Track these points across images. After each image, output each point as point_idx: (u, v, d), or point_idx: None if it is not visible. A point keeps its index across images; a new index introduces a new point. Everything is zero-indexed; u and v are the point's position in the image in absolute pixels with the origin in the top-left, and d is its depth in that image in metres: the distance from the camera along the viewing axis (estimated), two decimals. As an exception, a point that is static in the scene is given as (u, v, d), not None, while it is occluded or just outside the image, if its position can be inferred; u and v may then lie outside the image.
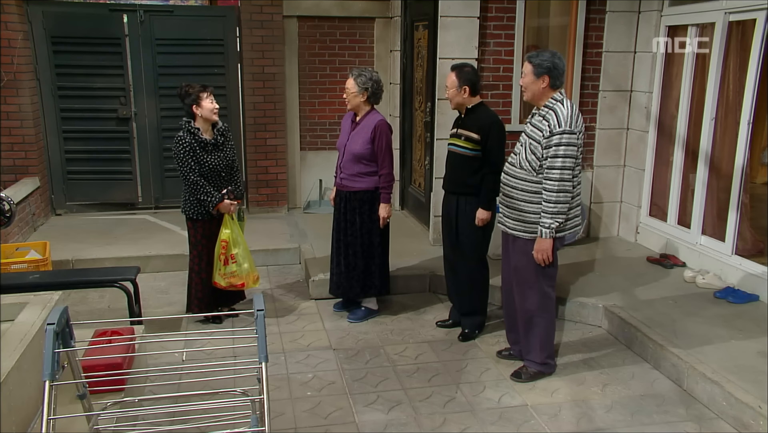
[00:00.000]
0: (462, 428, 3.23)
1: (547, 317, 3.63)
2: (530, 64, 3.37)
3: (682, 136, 5.27)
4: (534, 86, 3.38)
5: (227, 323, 4.43)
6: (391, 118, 7.00)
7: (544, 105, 3.39)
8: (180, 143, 4.10)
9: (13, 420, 2.72)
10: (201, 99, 4.11)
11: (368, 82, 4.21)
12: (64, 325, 2.20)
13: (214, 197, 4.15)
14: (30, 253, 4.89)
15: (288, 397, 3.50)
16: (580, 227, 3.57)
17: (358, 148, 4.22)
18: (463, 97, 3.96)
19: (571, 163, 3.29)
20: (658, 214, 5.64)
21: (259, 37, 6.45)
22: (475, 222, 4.01)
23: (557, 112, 3.31)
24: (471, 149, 3.94)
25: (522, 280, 3.60)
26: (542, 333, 3.65)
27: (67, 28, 6.24)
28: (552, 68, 3.32)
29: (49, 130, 6.40)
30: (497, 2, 5.39)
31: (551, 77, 3.33)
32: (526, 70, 3.40)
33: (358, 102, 4.25)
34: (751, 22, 4.51)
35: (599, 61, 5.68)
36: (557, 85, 3.37)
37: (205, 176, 4.17)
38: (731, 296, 4.42)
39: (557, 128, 3.27)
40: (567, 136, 3.26)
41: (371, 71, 4.27)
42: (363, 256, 4.36)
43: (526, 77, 3.41)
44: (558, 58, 3.35)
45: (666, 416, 3.35)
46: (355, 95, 4.22)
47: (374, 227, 4.32)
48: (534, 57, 3.38)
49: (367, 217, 4.30)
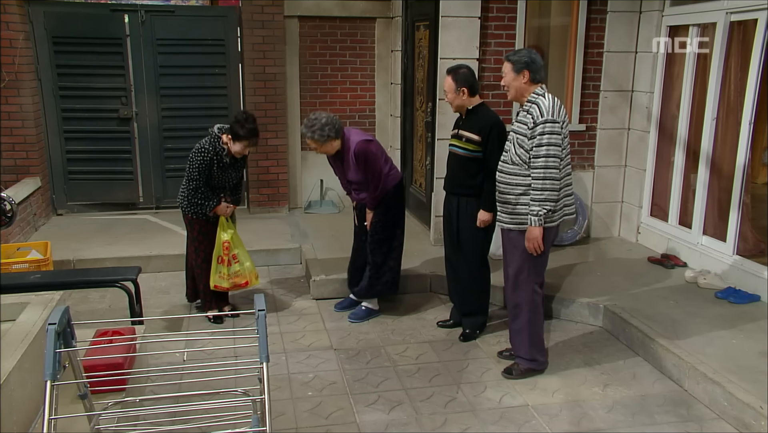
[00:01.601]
0: (463, 428, 3.23)
1: (534, 311, 3.65)
2: (509, 62, 3.49)
3: (683, 136, 5.27)
4: (515, 82, 3.48)
5: (228, 323, 4.43)
6: (392, 118, 7.01)
7: (527, 100, 3.48)
8: (201, 153, 4.11)
9: (14, 420, 2.72)
10: (240, 141, 4.09)
11: (324, 132, 4.09)
12: (65, 325, 2.20)
13: (212, 201, 4.19)
14: (31, 253, 4.89)
15: (289, 397, 3.50)
16: (573, 216, 3.62)
17: (357, 177, 4.25)
18: (462, 98, 3.95)
19: (555, 151, 3.35)
20: (659, 215, 5.64)
21: (260, 37, 6.45)
22: (475, 223, 4.01)
23: (539, 104, 3.41)
24: (472, 150, 3.94)
25: (512, 273, 3.64)
26: (529, 329, 3.67)
27: (68, 28, 6.24)
28: (530, 62, 3.43)
29: (50, 130, 6.40)
30: (498, 2, 5.39)
31: (531, 71, 3.43)
32: (506, 69, 3.52)
33: (328, 148, 4.21)
34: (752, 22, 4.51)
35: (600, 61, 5.68)
36: (537, 79, 3.46)
37: (212, 189, 4.23)
38: (732, 296, 4.42)
39: (540, 118, 3.37)
40: (550, 125, 3.35)
41: (319, 119, 4.10)
42: (379, 253, 4.38)
43: (506, 76, 3.52)
44: (534, 54, 3.47)
45: (667, 417, 3.35)
46: (323, 146, 4.18)
47: (388, 223, 4.35)
48: (512, 55, 3.51)
49: (382, 215, 4.33)
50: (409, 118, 6.66)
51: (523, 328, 3.69)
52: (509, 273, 3.68)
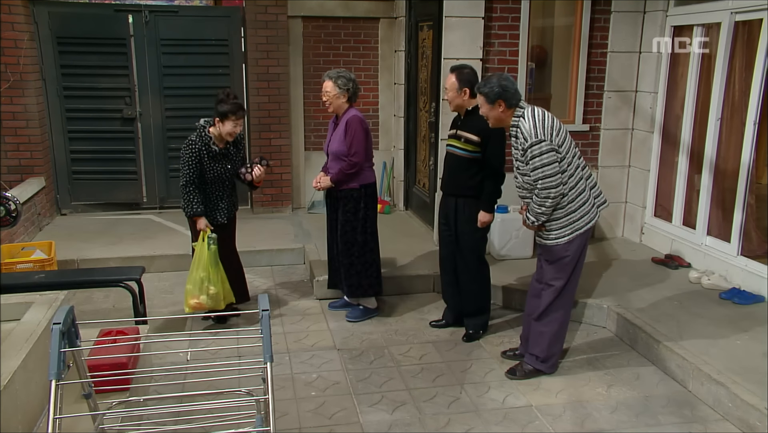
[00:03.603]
0: (466, 428, 3.23)
1: (562, 314, 3.67)
2: (481, 95, 3.46)
3: (687, 136, 5.26)
4: (493, 113, 3.47)
5: (231, 323, 4.43)
6: (396, 118, 7.01)
7: (511, 125, 3.47)
8: (189, 147, 4.07)
9: (19, 419, 2.73)
10: (227, 118, 4.03)
11: (348, 83, 4.20)
12: (70, 324, 2.21)
13: (197, 206, 4.08)
14: (35, 252, 4.91)
15: (292, 397, 3.51)
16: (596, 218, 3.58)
17: (337, 146, 4.25)
18: (463, 99, 3.95)
19: (550, 170, 3.34)
20: (663, 215, 5.63)
21: (264, 37, 6.46)
22: (473, 223, 4.00)
23: (520, 128, 3.40)
24: (471, 151, 3.93)
25: (554, 281, 3.62)
26: (555, 329, 3.67)
27: (72, 29, 6.26)
28: (502, 92, 3.39)
29: (55, 131, 6.42)
30: (502, 2, 5.39)
31: (505, 99, 3.40)
32: (480, 101, 3.50)
33: (340, 103, 4.24)
34: (757, 22, 4.49)
35: (604, 62, 5.67)
36: (514, 104, 3.43)
37: (209, 183, 4.16)
38: (737, 296, 4.41)
39: (525, 144, 3.37)
40: (536, 148, 3.34)
41: (348, 72, 4.26)
42: (347, 255, 4.37)
43: (482, 107, 3.51)
44: (505, 80, 3.41)
45: (671, 417, 3.34)
46: (336, 97, 4.21)
47: (357, 225, 4.32)
48: (482, 87, 3.46)
49: (351, 215, 4.30)
50: (412, 118, 6.66)
51: (549, 328, 3.68)
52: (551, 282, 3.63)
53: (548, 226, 3.52)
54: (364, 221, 4.32)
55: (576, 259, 3.56)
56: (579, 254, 3.56)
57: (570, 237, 3.48)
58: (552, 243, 3.53)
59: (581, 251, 3.56)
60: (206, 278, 4.05)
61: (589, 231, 3.55)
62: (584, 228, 3.50)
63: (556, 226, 3.49)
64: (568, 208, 3.45)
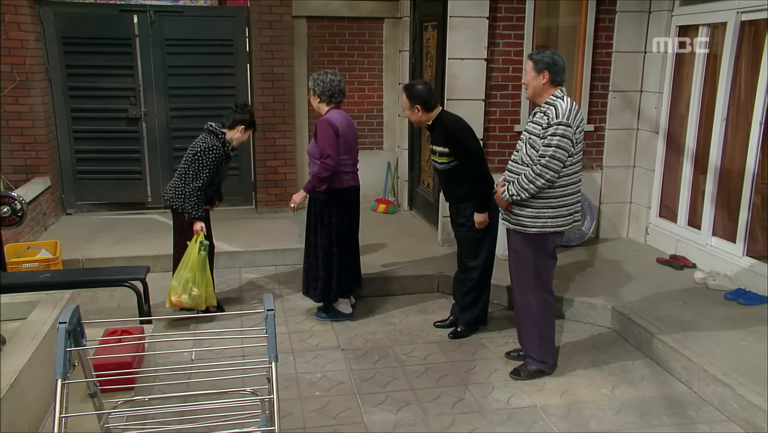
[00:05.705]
0: (471, 428, 3.23)
1: (543, 313, 3.65)
2: (531, 61, 3.48)
3: (692, 136, 5.24)
4: (535, 82, 3.46)
5: (236, 323, 4.44)
6: (400, 118, 7.01)
7: (546, 102, 3.45)
8: (213, 152, 4.12)
9: (24, 418, 2.74)
10: (250, 127, 4.24)
11: (316, 85, 4.17)
12: (75, 324, 2.22)
13: (199, 210, 4.19)
14: (41, 252, 4.93)
15: (297, 397, 3.51)
16: (578, 223, 3.63)
17: (310, 148, 4.27)
18: (419, 115, 3.96)
19: (561, 154, 3.32)
20: (668, 215, 5.61)
21: (268, 37, 6.46)
22: (474, 225, 4.01)
23: (557, 106, 3.38)
24: (447, 162, 3.95)
25: (519, 274, 3.64)
26: (539, 329, 3.66)
27: (78, 29, 6.28)
28: (552, 64, 3.40)
29: (60, 130, 6.44)
30: (507, 2, 5.38)
31: (551, 72, 3.40)
32: (528, 68, 3.51)
33: (318, 105, 4.25)
34: (763, 21, 4.48)
35: (609, 62, 5.65)
36: (558, 82, 3.44)
37: (213, 184, 4.27)
38: (742, 297, 4.39)
39: (554, 120, 3.34)
40: (563, 128, 3.32)
41: (326, 73, 4.20)
42: (307, 257, 4.38)
43: (527, 74, 3.52)
44: (558, 56, 3.44)
45: (676, 418, 3.33)
46: (315, 101, 4.24)
47: (320, 229, 4.27)
48: (535, 54, 3.49)
49: (317, 218, 4.28)
50: (416, 118, 6.64)
51: (533, 328, 3.68)
52: (516, 274, 3.68)
53: (518, 210, 3.49)
54: (329, 226, 4.25)
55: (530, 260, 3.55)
56: (534, 256, 3.53)
57: (534, 230, 3.46)
58: (515, 227, 3.53)
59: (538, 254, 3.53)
60: (191, 279, 4.17)
61: (553, 239, 3.52)
62: (551, 229, 3.46)
63: (528, 213, 3.46)
64: (548, 202, 3.43)
